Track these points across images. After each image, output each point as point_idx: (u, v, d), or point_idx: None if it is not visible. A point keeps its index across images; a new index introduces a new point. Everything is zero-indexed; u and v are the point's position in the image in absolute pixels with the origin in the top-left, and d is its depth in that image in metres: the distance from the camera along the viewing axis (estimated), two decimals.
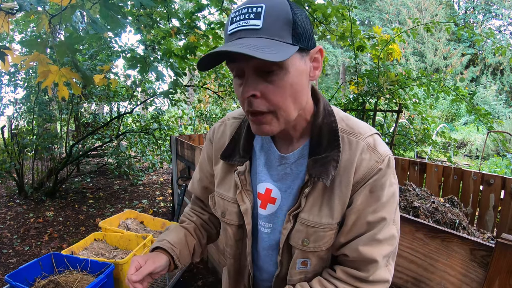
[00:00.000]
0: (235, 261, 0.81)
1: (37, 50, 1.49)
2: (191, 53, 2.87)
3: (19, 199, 4.24)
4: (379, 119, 4.42)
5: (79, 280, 1.88)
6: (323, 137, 0.66)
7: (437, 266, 0.98)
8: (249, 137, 0.74)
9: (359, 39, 3.21)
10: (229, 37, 0.57)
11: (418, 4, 18.39)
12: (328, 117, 0.67)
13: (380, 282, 0.64)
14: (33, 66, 4.12)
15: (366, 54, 3.57)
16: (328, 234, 0.66)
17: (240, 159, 0.73)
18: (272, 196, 0.71)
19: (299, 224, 0.67)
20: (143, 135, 5.37)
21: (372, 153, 0.64)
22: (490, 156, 7.89)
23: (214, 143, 0.81)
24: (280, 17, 0.55)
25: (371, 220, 0.63)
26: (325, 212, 0.65)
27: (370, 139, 0.66)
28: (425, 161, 2.28)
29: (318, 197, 0.66)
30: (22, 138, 4.18)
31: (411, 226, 1.05)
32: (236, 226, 0.76)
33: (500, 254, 0.81)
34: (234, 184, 0.74)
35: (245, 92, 0.57)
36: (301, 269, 0.70)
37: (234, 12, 0.57)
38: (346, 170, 0.63)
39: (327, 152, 0.64)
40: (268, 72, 0.56)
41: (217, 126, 0.83)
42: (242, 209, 0.73)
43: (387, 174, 0.64)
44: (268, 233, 0.73)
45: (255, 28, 0.54)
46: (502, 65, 16.45)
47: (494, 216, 1.87)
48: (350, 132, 0.66)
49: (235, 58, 0.56)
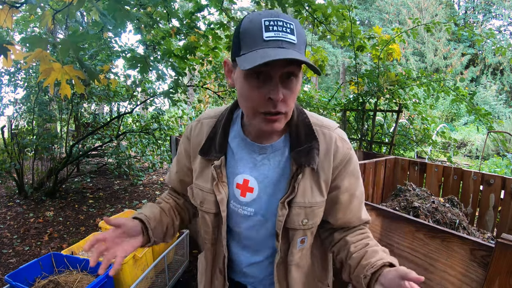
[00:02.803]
0: (212, 245, 0.89)
1: (40, 47, 1.48)
2: (190, 53, 2.87)
3: (19, 199, 4.24)
4: (379, 119, 4.42)
5: (79, 280, 1.88)
6: (300, 131, 0.79)
7: (437, 266, 0.98)
8: (224, 135, 0.84)
9: (359, 39, 3.21)
10: (267, 42, 0.63)
11: (418, 4, 18.39)
12: (301, 115, 0.82)
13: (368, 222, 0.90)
14: (33, 66, 4.12)
15: (366, 54, 3.57)
16: (320, 210, 0.81)
17: (216, 155, 0.82)
18: (249, 186, 0.81)
19: (296, 208, 0.78)
20: (143, 135, 5.37)
21: (343, 142, 0.81)
22: (490, 156, 7.88)
23: (192, 140, 0.89)
24: (302, 37, 0.67)
25: (357, 194, 0.84)
26: (316, 192, 0.79)
27: (338, 131, 0.83)
28: (425, 161, 2.28)
29: (307, 181, 0.78)
30: (22, 138, 4.17)
31: (411, 226, 1.05)
32: (213, 214, 0.85)
33: (500, 254, 0.81)
34: (211, 177, 0.83)
35: (279, 95, 0.66)
36: (300, 246, 0.82)
37: (266, 20, 0.64)
38: (326, 157, 0.79)
39: (307, 143, 0.78)
40: (288, 80, 0.67)
41: (194, 124, 0.91)
42: (218, 199, 0.81)
43: (355, 158, 0.83)
44: (250, 215, 0.82)
45: (293, 42, 0.64)
46: (502, 65, 16.45)
47: (494, 216, 1.87)
48: (321, 125, 0.82)
49: (273, 64, 0.64)
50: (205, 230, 0.88)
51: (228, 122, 0.85)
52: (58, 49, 1.49)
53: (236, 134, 0.84)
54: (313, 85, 11.12)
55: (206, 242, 0.90)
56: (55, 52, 2.62)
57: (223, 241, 0.86)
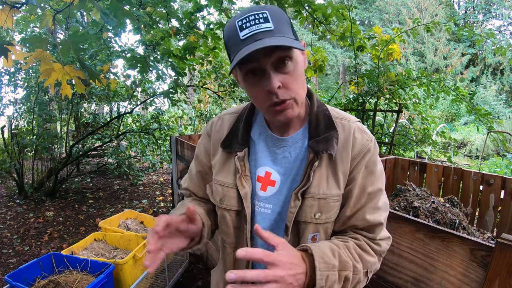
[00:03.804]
0: (233, 249, 0.81)
1: (40, 47, 1.48)
2: (190, 54, 2.87)
3: (19, 199, 4.24)
4: (379, 119, 4.42)
5: (79, 280, 1.88)
6: (320, 122, 0.76)
7: (437, 266, 0.98)
8: (246, 128, 0.81)
9: (359, 39, 3.21)
10: (245, 41, 0.63)
11: (418, 4, 18.39)
12: (321, 107, 0.79)
13: (384, 240, 0.77)
14: (33, 66, 4.12)
15: (366, 54, 3.57)
16: (336, 205, 0.74)
17: (239, 147, 0.79)
18: (271, 179, 0.77)
19: (310, 200, 0.72)
20: (143, 135, 5.37)
21: (363, 134, 0.76)
22: (490, 156, 7.89)
23: (213, 135, 0.86)
24: (283, 20, 0.65)
25: (371, 191, 0.74)
26: (333, 184, 0.73)
27: (358, 123, 0.79)
28: (425, 161, 2.28)
29: (324, 171, 0.73)
30: (22, 138, 4.18)
31: (411, 226, 1.05)
32: (234, 211, 0.79)
33: (500, 254, 0.81)
34: (233, 170, 0.79)
35: (273, 84, 0.64)
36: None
37: (239, 20, 0.64)
38: (345, 147, 0.74)
39: (326, 133, 0.74)
40: (283, 65, 0.65)
41: (215, 120, 0.88)
42: (242, 193, 0.76)
43: (375, 153, 0.77)
44: (267, 213, 0.77)
45: (269, 30, 0.62)
46: (502, 65, 16.45)
47: (494, 216, 1.87)
48: (341, 117, 0.79)
49: (257, 58, 0.63)
50: (225, 231, 0.81)
51: (250, 115, 0.83)
52: (59, 49, 1.48)
53: (258, 127, 0.82)
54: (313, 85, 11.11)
55: (226, 246, 0.82)
56: (54, 53, 2.62)
57: (248, 242, 0.77)
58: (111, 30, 2.61)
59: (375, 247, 0.74)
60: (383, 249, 0.76)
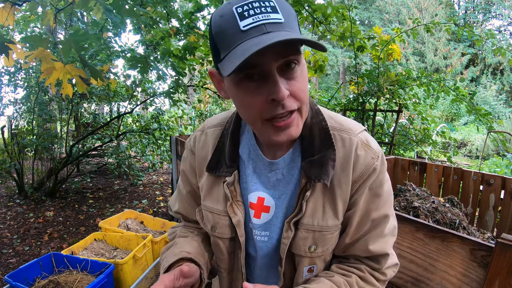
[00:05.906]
0: (228, 274, 0.77)
1: (41, 46, 1.47)
2: (190, 54, 2.87)
3: (19, 199, 4.24)
4: (379, 119, 4.42)
5: (79, 280, 1.88)
6: (315, 137, 0.64)
7: (437, 266, 0.98)
8: (234, 146, 0.70)
9: (359, 39, 3.21)
10: (246, 33, 0.49)
11: (418, 4, 18.39)
12: (316, 116, 0.66)
13: (391, 267, 0.68)
14: (33, 66, 4.12)
15: (366, 54, 3.57)
16: (334, 236, 0.66)
17: (228, 169, 0.68)
18: (265, 204, 0.68)
19: (303, 231, 0.64)
20: (143, 135, 5.37)
21: (367, 150, 0.63)
22: (490, 156, 7.88)
23: (197, 153, 0.75)
24: (290, 12, 0.52)
25: (375, 217, 0.64)
26: (330, 214, 0.64)
27: (362, 135, 0.65)
28: (425, 161, 2.28)
29: (319, 199, 0.64)
30: (22, 138, 4.18)
31: (411, 226, 1.05)
32: (228, 239, 0.72)
33: (500, 254, 0.81)
34: (223, 196, 0.69)
35: (283, 92, 0.51)
36: (307, 276, 0.68)
37: (238, 7, 0.50)
38: (344, 168, 0.62)
39: (321, 152, 0.63)
40: (290, 69, 0.53)
41: (198, 135, 0.77)
42: (234, 221, 0.68)
43: (382, 171, 0.64)
44: (265, 241, 0.70)
45: (279, 22, 0.49)
46: (502, 65, 16.45)
47: (494, 216, 1.87)
48: (340, 129, 0.65)
49: (263, 54, 0.49)
50: (219, 257, 0.76)
51: (236, 129, 0.71)
52: (60, 48, 1.48)
53: (247, 144, 0.70)
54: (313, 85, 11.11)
55: (221, 271, 0.77)
56: (54, 52, 2.62)
57: (241, 269, 0.73)
58: (111, 30, 2.61)
59: (380, 277, 0.67)
60: (388, 277, 0.68)
